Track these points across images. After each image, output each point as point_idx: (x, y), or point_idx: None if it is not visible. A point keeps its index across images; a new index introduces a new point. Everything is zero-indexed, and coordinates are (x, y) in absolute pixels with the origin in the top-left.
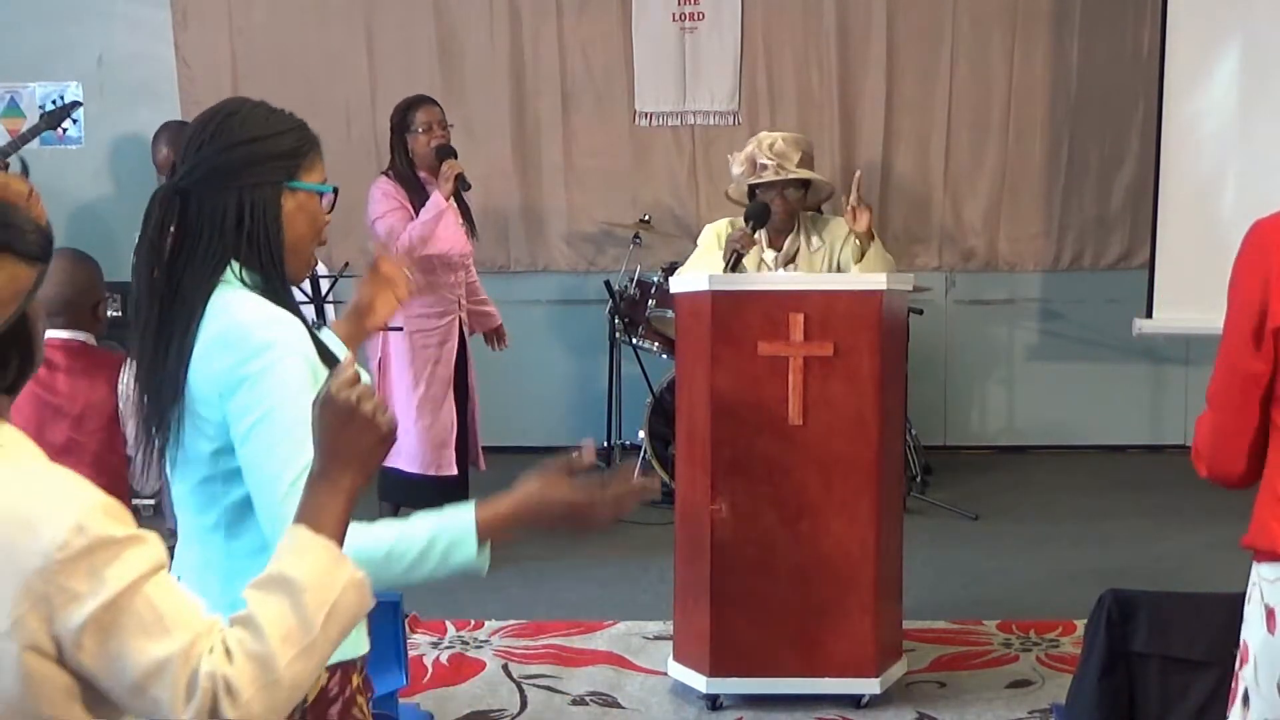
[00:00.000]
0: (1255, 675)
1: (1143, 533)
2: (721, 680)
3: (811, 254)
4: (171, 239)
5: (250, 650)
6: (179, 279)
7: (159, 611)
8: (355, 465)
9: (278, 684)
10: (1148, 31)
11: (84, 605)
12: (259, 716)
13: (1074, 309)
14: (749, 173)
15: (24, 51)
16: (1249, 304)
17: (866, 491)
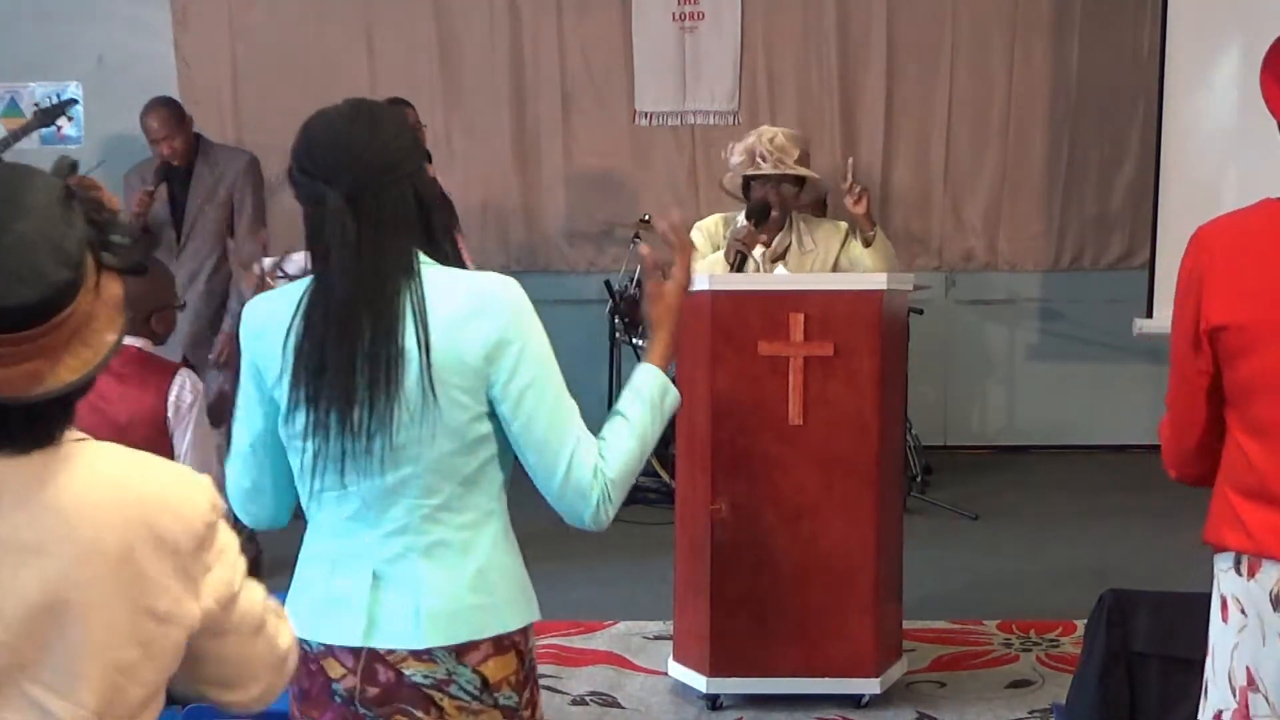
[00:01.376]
0: (1213, 667)
1: (1143, 533)
2: (721, 680)
3: (803, 254)
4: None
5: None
6: (385, 277)
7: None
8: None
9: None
10: (1148, 31)
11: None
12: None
13: (1074, 309)
14: (747, 164)
15: (24, 51)
16: (1186, 310)
17: (866, 491)
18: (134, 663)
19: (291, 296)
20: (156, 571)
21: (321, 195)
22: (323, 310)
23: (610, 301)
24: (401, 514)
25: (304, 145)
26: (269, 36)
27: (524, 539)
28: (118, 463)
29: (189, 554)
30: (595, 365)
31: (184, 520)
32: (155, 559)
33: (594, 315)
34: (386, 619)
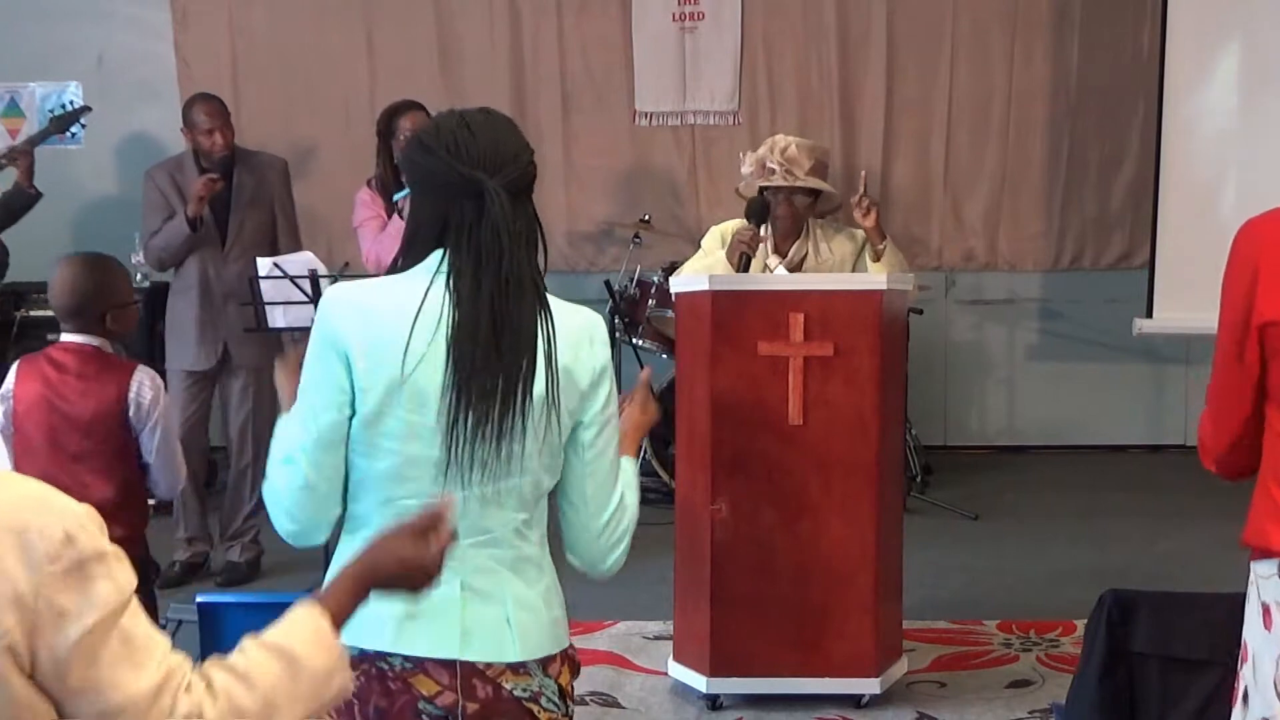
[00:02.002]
0: (1254, 673)
1: (1143, 533)
2: (721, 680)
3: (819, 263)
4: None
5: (238, 703)
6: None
7: (136, 641)
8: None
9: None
10: (1148, 32)
11: (71, 625)
12: None
13: (1074, 309)
14: (758, 174)
15: (24, 51)
16: (1236, 302)
17: (866, 491)
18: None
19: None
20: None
21: (480, 186)
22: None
23: (610, 301)
24: (495, 525)
25: (459, 133)
26: (269, 36)
27: None
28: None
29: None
30: None
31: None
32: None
33: None
34: (480, 632)
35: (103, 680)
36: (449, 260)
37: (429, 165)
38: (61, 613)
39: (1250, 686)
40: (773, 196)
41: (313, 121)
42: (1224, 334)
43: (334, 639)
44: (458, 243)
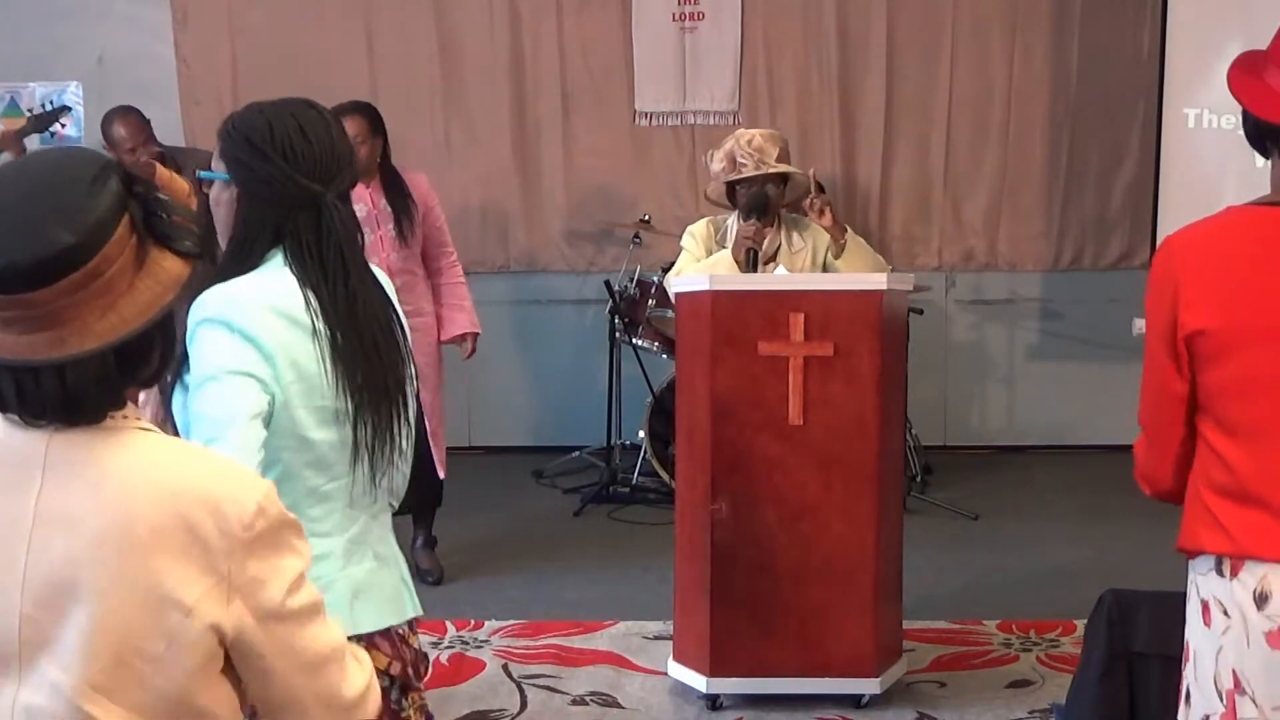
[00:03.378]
0: (1194, 671)
1: (1143, 533)
2: (721, 680)
3: (793, 253)
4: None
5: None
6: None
7: (318, 604)
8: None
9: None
10: (1148, 31)
11: (269, 590)
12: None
13: (1074, 309)
14: (728, 169)
15: (24, 51)
16: (1159, 318)
17: (866, 491)
18: (158, 653)
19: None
20: (184, 563)
21: (319, 200)
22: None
23: (610, 301)
24: (381, 496)
25: (294, 139)
26: (269, 36)
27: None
28: (167, 452)
29: (221, 553)
30: (595, 365)
31: (220, 516)
32: (183, 551)
33: (594, 315)
34: (395, 596)
35: (303, 637)
36: (294, 270)
37: (264, 173)
38: (257, 578)
39: (1191, 685)
40: (744, 190)
41: None
42: (1152, 353)
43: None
44: (299, 255)
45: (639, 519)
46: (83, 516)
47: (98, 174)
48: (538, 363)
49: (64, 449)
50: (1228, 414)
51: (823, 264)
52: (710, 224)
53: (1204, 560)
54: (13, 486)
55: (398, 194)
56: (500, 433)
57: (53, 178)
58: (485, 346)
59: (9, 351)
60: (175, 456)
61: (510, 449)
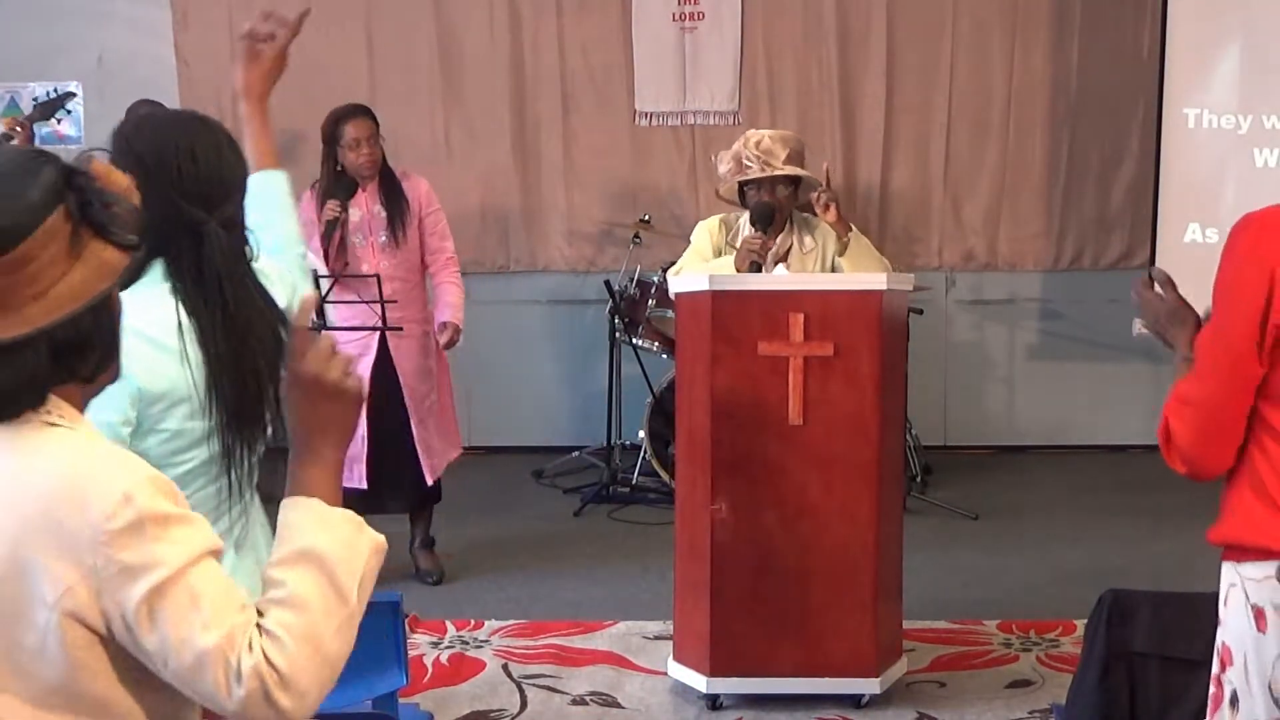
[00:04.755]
0: (1245, 677)
1: (1143, 533)
2: (721, 680)
3: (804, 254)
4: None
5: (298, 632)
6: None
7: (202, 600)
8: (334, 436)
9: (325, 660)
10: (1148, 31)
11: (137, 582)
12: (311, 695)
13: (1074, 309)
14: (734, 171)
15: (24, 51)
16: (1249, 303)
17: (866, 491)
18: (35, 647)
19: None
20: (52, 558)
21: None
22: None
23: (610, 301)
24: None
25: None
26: None
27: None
28: (53, 449)
29: (86, 545)
30: (595, 365)
31: (85, 508)
32: (51, 546)
33: (594, 315)
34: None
35: (172, 639)
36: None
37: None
38: (124, 569)
39: (1241, 690)
40: (754, 192)
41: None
42: (1234, 336)
43: (333, 511)
44: (181, 279)
45: (639, 519)
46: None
47: (29, 166)
48: (538, 363)
49: None
50: None
51: (831, 265)
52: (723, 222)
53: (1259, 566)
54: None
55: (394, 199)
56: (500, 433)
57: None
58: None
59: None
60: (57, 451)
61: (510, 449)
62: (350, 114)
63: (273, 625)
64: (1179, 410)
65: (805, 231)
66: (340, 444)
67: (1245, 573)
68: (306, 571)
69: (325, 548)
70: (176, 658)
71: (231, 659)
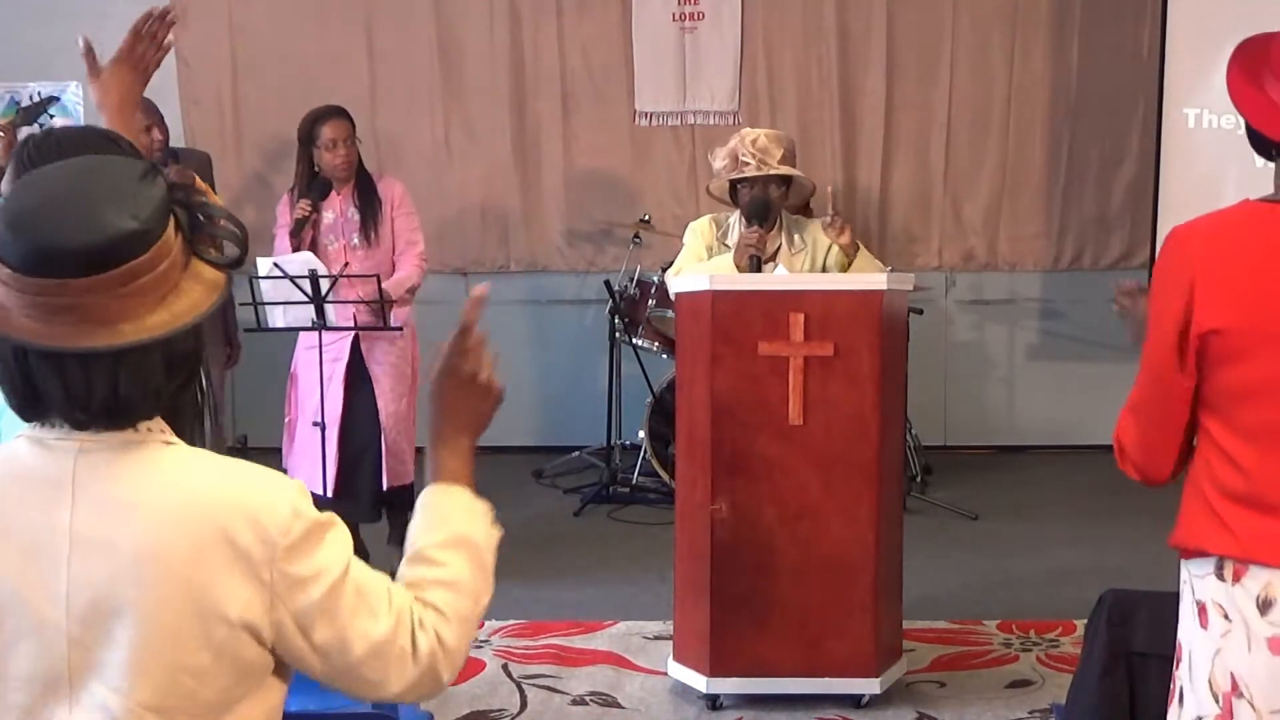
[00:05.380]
0: (1190, 673)
1: (1143, 533)
2: (721, 680)
3: (793, 255)
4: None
5: (460, 612)
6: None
7: (366, 593)
8: (473, 428)
9: (471, 638)
10: (1148, 31)
11: (309, 590)
12: (458, 669)
13: (1074, 309)
14: (730, 168)
15: (24, 51)
16: (1170, 312)
17: (866, 491)
18: (204, 667)
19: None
20: (227, 576)
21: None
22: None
23: (610, 301)
24: None
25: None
26: (269, 36)
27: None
28: (199, 467)
29: (263, 561)
30: (595, 365)
31: (258, 525)
32: (226, 563)
33: (594, 315)
34: None
35: (346, 633)
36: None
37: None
38: (298, 580)
39: (1185, 686)
40: (746, 189)
41: None
42: (1156, 346)
43: (478, 502)
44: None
45: (639, 519)
46: (120, 537)
47: (148, 170)
48: (538, 363)
49: (91, 468)
50: (1240, 416)
51: (822, 265)
52: (713, 221)
53: (1202, 562)
54: (43, 510)
55: (368, 201)
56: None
57: (103, 169)
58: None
59: (60, 340)
60: (205, 469)
61: (510, 449)
62: (326, 115)
63: (440, 603)
64: (1124, 417)
65: (795, 231)
66: (477, 436)
67: (1191, 569)
68: (464, 556)
69: (478, 536)
70: (348, 651)
71: (406, 640)
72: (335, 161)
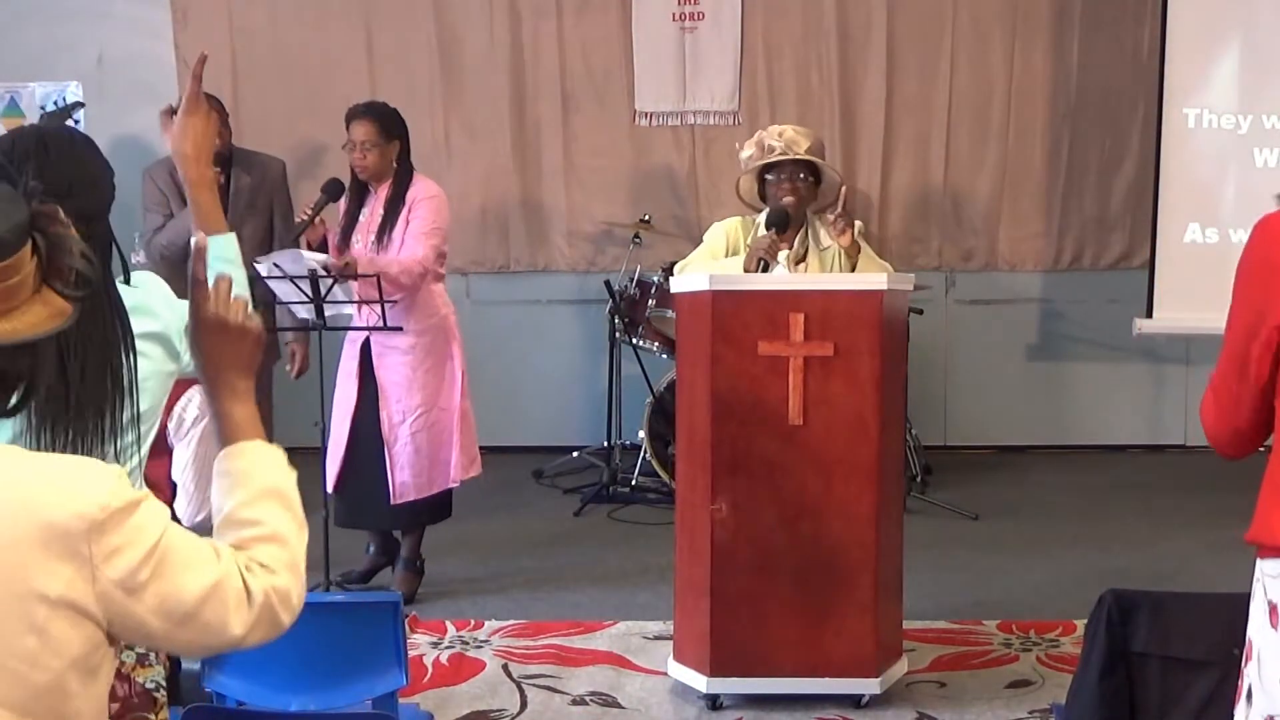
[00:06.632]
0: (1259, 671)
1: (1143, 533)
2: (721, 680)
3: (821, 252)
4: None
5: (288, 561)
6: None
7: (190, 547)
8: (239, 368)
9: (302, 580)
10: (1148, 31)
11: (128, 554)
12: (296, 612)
13: (1074, 309)
14: (758, 156)
15: (24, 51)
16: (1249, 300)
17: (866, 491)
18: (32, 650)
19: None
20: (45, 556)
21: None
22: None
23: (610, 301)
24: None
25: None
26: (269, 36)
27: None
28: (12, 458)
29: (80, 535)
30: (595, 365)
31: (72, 503)
32: (43, 544)
33: (594, 315)
34: None
35: (177, 581)
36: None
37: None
38: (115, 548)
39: (1255, 684)
40: (775, 184)
41: (312, 121)
42: (1236, 332)
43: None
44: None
45: (639, 519)
46: None
47: (14, 197)
48: (538, 363)
49: None
50: None
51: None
52: (741, 223)
53: (1275, 562)
54: None
55: (395, 203)
56: (500, 433)
57: None
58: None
59: None
60: (25, 459)
61: (510, 449)
62: (352, 115)
63: (265, 559)
64: (1206, 394)
65: (820, 228)
66: (247, 373)
67: (1265, 569)
68: (275, 506)
69: (280, 482)
70: (183, 598)
71: (238, 583)
72: (357, 163)
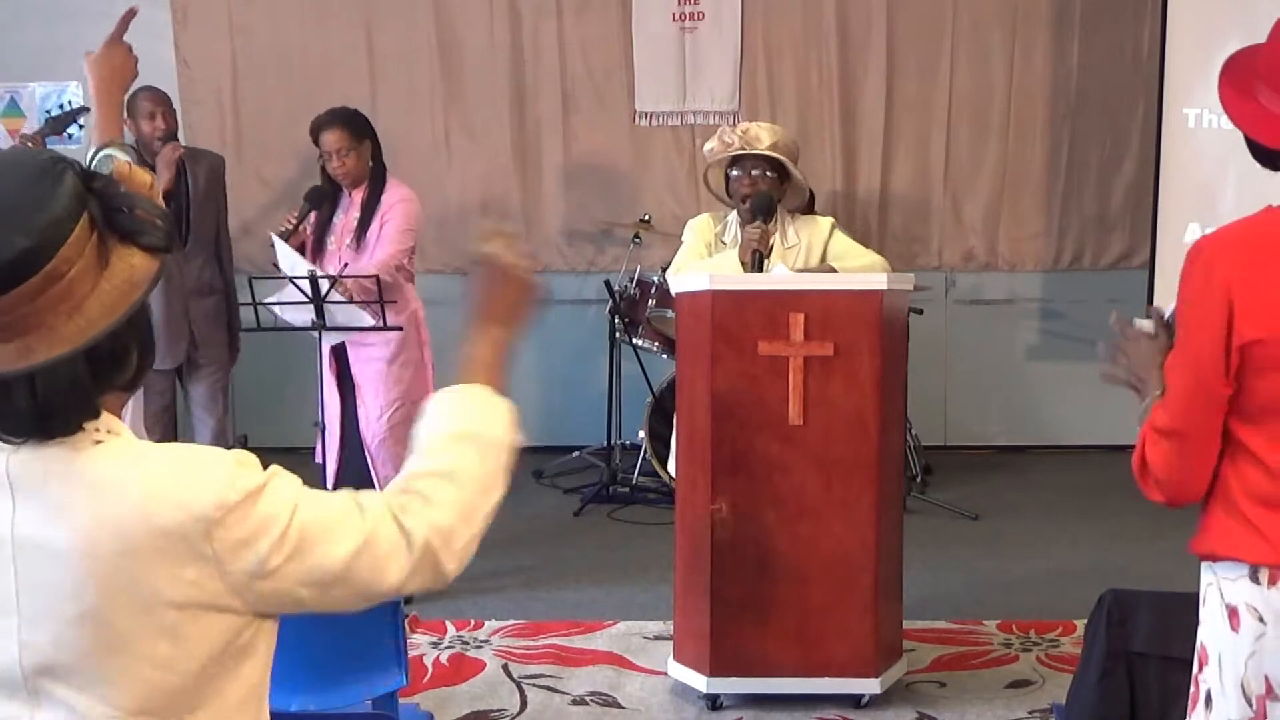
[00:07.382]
0: (1219, 676)
1: (1143, 533)
2: (721, 680)
3: (785, 249)
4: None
5: (457, 502)
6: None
7: (326, 515)
8: (506, 320)
9: (475, 538)
10: (1148, 31)
11: (257, 546)
12: (462, 564)
13: (1074, 309)
14: (719, 150)
15: (24, 51)
16: (1212, 325)
17: (866, 491)
18: (166, 655)
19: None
20: (165, 562)
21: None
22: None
23: (610, 301)
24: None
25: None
26: (269, 36)
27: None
28: (122, 461)
29: (200, 536)
30: (595, 365)
31: (185, 507)
32: (158, 553)
33: (594, 315)
34: None
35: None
36: None
37: None
38: (241, 540)
39: (1215, 689)
40: (736, 179)
41: None
42: (1199, 361)
43: (497, 399)
44: None
45: (639, 519)
46: (55, 539)
47: (48, 170)
48: (538, 363)
49: (25, 468)
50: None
51: (821, 257)
52: (712, 218)
53: (1233, 566)
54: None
55: (370, 206)
56: None
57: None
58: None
59: None
60: (135, 462)
61: None
62: (323, 124)
63: (428, 490)
64: (1156, 442)
65: (790, 226)
66: (511, 326)
67: (1221, 573)
68: (469, 449)
69: (489, 431)
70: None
71: (393, 531)
72: (335, 172)
